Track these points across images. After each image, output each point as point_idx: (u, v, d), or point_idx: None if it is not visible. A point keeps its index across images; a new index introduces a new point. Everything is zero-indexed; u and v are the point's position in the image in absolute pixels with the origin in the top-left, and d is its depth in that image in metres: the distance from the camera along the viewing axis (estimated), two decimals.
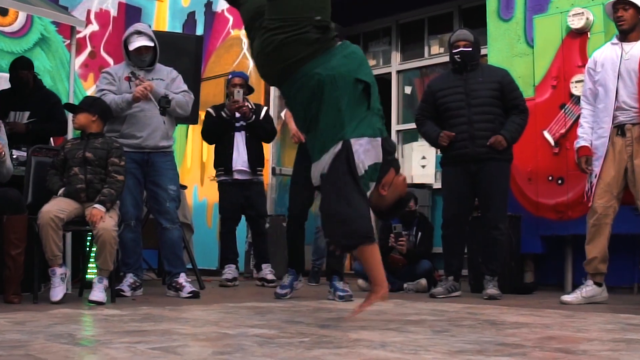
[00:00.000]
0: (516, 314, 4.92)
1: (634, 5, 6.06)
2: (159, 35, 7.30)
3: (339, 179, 4.06)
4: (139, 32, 6.71)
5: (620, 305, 5.84)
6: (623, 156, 6.01)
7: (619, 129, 6.03)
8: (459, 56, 6.87)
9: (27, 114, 7.44)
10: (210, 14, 12.18)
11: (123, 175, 6.00)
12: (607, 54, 6.20)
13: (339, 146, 4.08)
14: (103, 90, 6.56)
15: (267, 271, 8.24)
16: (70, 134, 6.74)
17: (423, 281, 7.56)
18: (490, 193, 6.73)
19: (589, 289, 6.06)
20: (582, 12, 7.47)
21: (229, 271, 8.18)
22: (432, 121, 6.99)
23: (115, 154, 6.04)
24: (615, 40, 6.24)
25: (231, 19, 11.79)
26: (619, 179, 6.03)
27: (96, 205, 5.74)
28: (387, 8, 10.90)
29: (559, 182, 7.53)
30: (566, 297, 6.05)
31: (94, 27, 11.95)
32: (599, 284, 6.09)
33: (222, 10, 11.99)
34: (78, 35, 11.40)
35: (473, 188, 6.82)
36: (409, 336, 3.59)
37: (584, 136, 6.29)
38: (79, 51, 11.48)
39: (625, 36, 6.16)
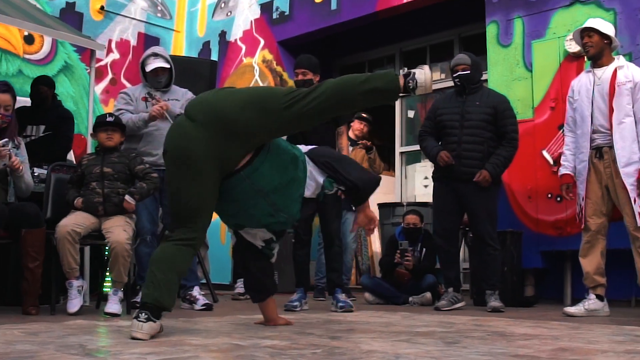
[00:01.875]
0: (523, 326, 4.64)
1: (598, 31, 5.99)
2: (175, 59, 7.14)
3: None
4: (155, 55, 6.56)
5: (621, 318, 5.58)
6: (604, 177, 5.90)
7: (597, 151, 5.93)
8: (458, 80, 6.74)
9: (42, 127, 7.23)
10: (224, 43, 12.09)
11: (156, 174, 5.85)
12: (582, 82, 6.14)
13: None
14: (121, 109, 6.41)
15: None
16: (89, 149, 6.58)
17: (428, 295, 7.42)
18: (476, 211, 6.60)
19: (591, 302, 5.87)
20: None
21: (241, 285, 8.01)
22: (433, 137, 6.87)
23: (138, 162, 5.90)
24: (589, 68, 6.18)
25: (244, 47, 11.74)
26: (605, 197, 5.92)
27: (126, 196, 5.66)
28: (391, 36, 10.93)
29: (558, 199, 7.42)
30: (570, 309, 5.87)
31: (115, 55, 11.87)
32: (600, 298, 5.90)
33: (235, 40, 11.93)
34: (100, 64, 11.39)
35: (461, 205, 6.68)
36: (421, 347, 3.31)
37: (566, 164, 6.24)
38: (100, 78, 11.46)
39: (595, 62, 6.11)
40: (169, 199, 4.05)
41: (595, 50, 6.01)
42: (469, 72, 6.69)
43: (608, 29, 6.02)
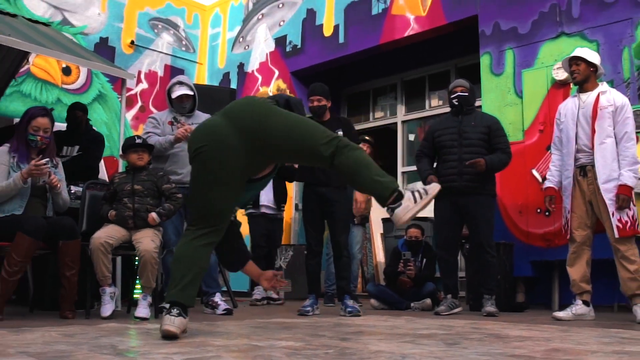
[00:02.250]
0: (516, 329, 4.56)
1: (585, 60, 5.98)
2: (198, 87, 7.15)
3: None
4: (180, 83, 6.55)
5: (606, 322, 5.50)
6: (587, 193, 5.85)
7: (581, 169, 5.88)
8: (456, 100, 6.67)
9: (76, 148, 7.32)
10: (242, 74, 12.12)
11: (180, 194, 5.81)
12: (568, 106, 6.10)
13: None
14: (149, 132, 6.40)
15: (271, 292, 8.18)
16: (120, 169, 6.57)
17: (428, 301, 7.38)
18: (477, 222, 6.50)
19: (578, 307, 5.80)
20: None
21: (258, 292, 8.00)
22: (428, 158, 6.83)
23: (165, 181, 5.87)
24: (575, 94, 6.13)
25: (260, 77, 11.75)
26: (589, 212, 5.86)
27: (152, 214, 5.62)
28: (393, 67, 10.95)
29: (547, 214, 7.40)
30: (558, 314, 5.80)
31: (144, 85, 11.91)
32: (586, 303, 5.83)
33: (252, 71, 11.95)
34: (130, 93, 11.43)
35: (461, 217, 6.61)
36: (425, 348, 3.24)
37: (551, 178, 6.19)
38: (131, 106, 11.50)
39: (581, 87, 6.06)
40: (192, 195, 3.85)
41: (581, 77, 5.98)
42: (467, 93, 6.66)
43: (594, 57, 5.99)
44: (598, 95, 5.87)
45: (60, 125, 7.46)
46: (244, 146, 3.67)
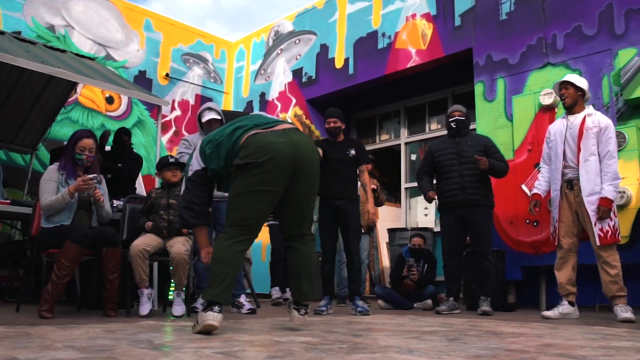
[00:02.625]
0: (510, 326, 4.48)
1: (573, 85, 5.90)
2: (225, 113, 7.12)
3: None
4: (209, 108, 6.54)
5: (589, 320, 5.41)
6: (574, 204, 5.76)
7: (568, 183, 5.78)
8: (454, 123, 6.61)
9: (119, 165, 7.35)
10: (264, 102, 12.13)
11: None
12: (557, 126, 6.02)
13: None
14: (182, 152, 6.38)
15: (289, 294, 8.05)
16: (156, 184, 6.58)
17: (429, 301, 7.33)
18: (479, 232, 6.42)
19: (564, 307, 5.70)
20: (551, 92, 7.41)
21: (274, 292, 7.97)
22: (428, 176, 6.78)
23: None
24: (564, 115, 6.05)
25: (279, 105, 11.76)
26: (576, 221, 5.77)
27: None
28: (397, 95, 10.94)
29: (535, 224, 7.31)
30: (546, 313, 5.70)
31: (177, 112, 11.94)
32: (571, 304, 5.73)
33: (273, 99, 11.95)
34: (165, 119, 11.45)
35: (464, 228, 6.52)
36: (429, 343, 3.18)
37: (538, 186, 6.12)
38: (166, 131, 11.50)
39: (569, 110, 5.97)
40: (237, 201, 3.69)
41: (570, 100, 5.90)
42: (463, 117, 6.61)
43: (582, 83, 5.92)
44: (584, 117, 5.79)
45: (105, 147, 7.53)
46: (289, 174, 3.73)
